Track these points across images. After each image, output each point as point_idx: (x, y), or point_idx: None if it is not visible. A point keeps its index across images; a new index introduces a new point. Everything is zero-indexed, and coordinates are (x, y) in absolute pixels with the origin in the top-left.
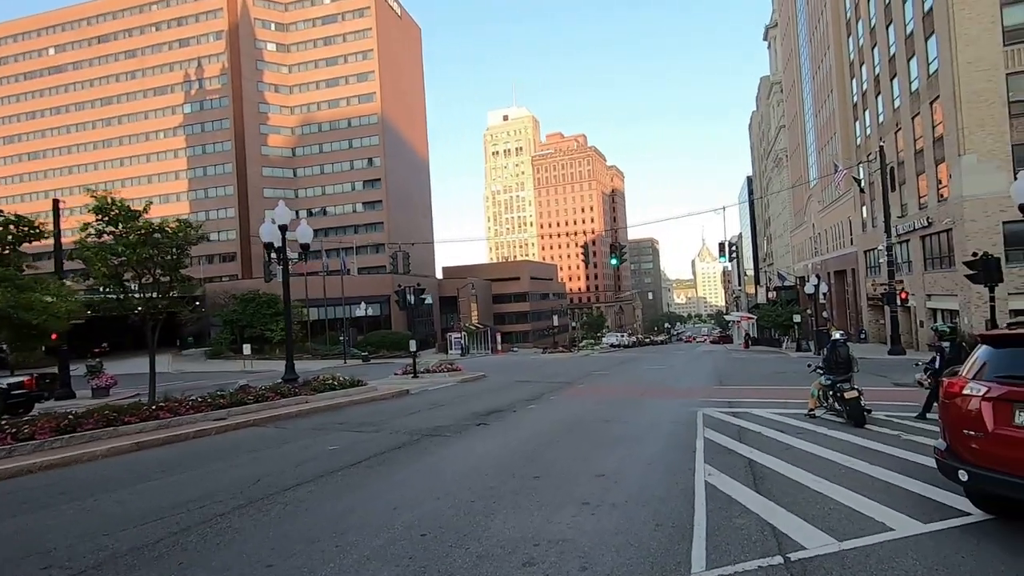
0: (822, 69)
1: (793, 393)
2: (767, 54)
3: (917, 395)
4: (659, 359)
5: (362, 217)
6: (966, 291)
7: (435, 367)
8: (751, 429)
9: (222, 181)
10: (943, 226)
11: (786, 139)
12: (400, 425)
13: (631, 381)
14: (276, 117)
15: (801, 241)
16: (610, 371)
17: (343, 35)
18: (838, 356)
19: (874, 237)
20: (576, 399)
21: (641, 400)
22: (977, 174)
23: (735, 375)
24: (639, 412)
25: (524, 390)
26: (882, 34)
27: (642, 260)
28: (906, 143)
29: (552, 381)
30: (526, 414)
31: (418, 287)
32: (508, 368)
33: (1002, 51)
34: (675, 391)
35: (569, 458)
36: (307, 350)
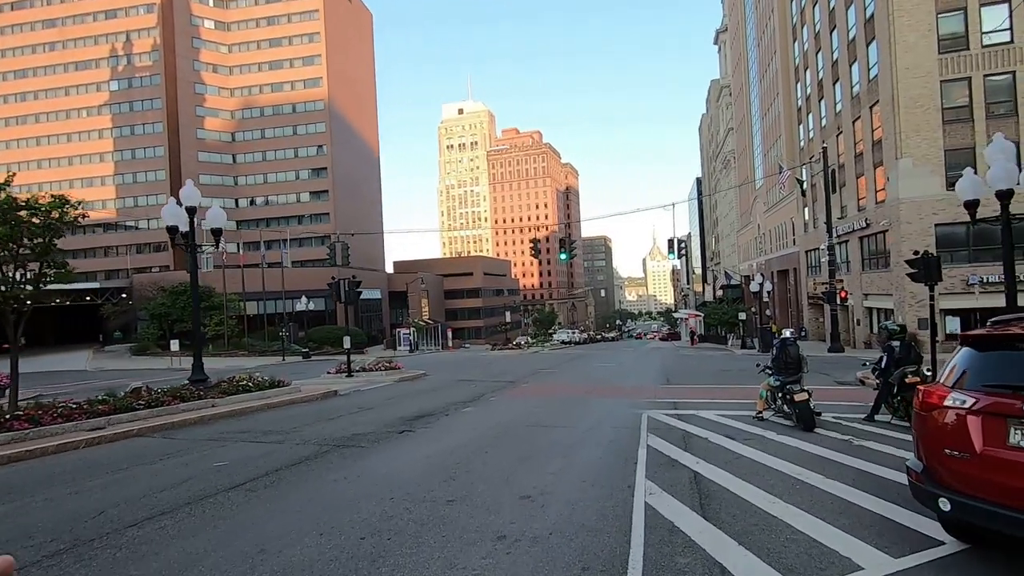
0: (769, 73)
1: (739, 393)
2: (717, 58)
3: (861, 394)
4: (608, 356)
5: (307, 207)
6: (900, 291)
7: (372, 365)
8: (697, 435)
9: (153, 165)
10: (880, 227)
11: (734, 141)
12: (312, 434)
13: (578, 379)
14: (214, 99)
15: (747, 241)
16: (558, 369)
17: (288, 15)
18: (788, 356)
19: (815, 238)
20: (517, 400)
21: (585, 400)
22: (913, 178)
23: (682, 373)
24: (581, 414)
25: (464, 390)
26: (826, 39)
27: (595, 258)
28: (847, 146)
29: (496, 380)
30: (459, 419)
31: (353, 279)
32: (453, 366)
33: (937, 59)
34: (621, 390)
35: (495, 474)
36: (244, 346)
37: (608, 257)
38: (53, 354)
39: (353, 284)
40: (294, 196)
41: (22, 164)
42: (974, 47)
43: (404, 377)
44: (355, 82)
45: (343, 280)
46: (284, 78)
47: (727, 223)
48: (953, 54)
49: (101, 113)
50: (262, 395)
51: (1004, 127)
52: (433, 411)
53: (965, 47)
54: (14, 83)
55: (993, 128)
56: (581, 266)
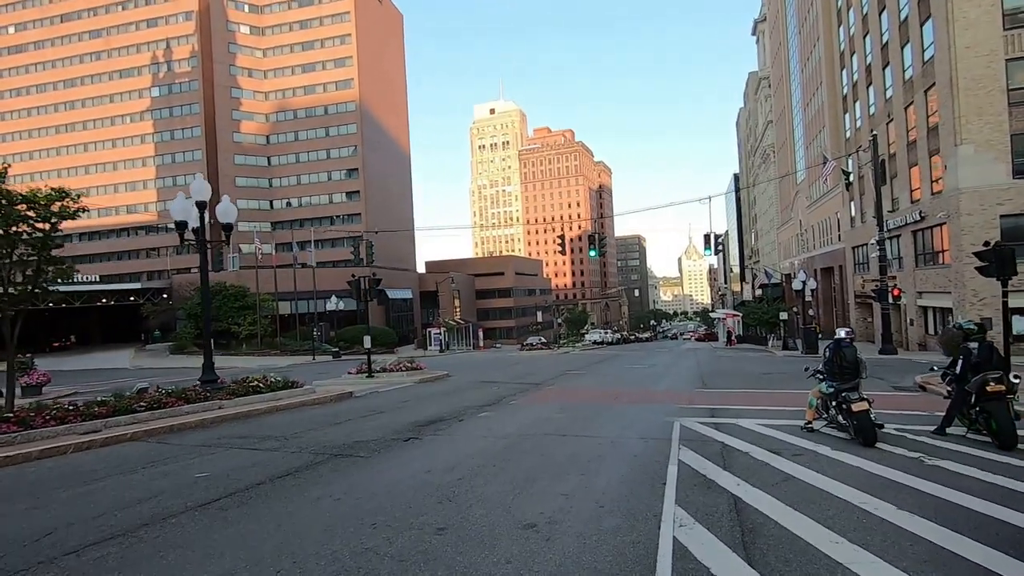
0: (811, 61)
1: (784, 399)
2: (755, 49)
3: (923, 401)
4: (641, 357)
5: (339, 208)
6: (960, 288)
7: (393, 366)
8: (737, 448)
9: (191, 168)
10: (936, 220)
11: (773, 135)
12: (312, 440)
13: (607, 382)
14: (249, 103)
15: (788, 238)
16: (587, 370)
17: (320, 18)
18: (843, 359)
19: (863, 233)
20: (539, 404)
21: (612, 406)
22: (974, 165)
23: (719, 376)
24: (606, 422)
25: (485, 393)
26: (874, 21)
27: (629, 257)
28: (898, 134)
29: (521, 382)
30: (473, 425)
31: (373, 276)
32: (479, 366)
33: (1002, 35)
34: (652, 395)
35: (498, 495)
36: (276, 346)
37: (642, 256)
38: (100, 352)
39: (374, 282)
40: (326, 197)
41: (71, 170)
42: None
43: (425, 378)
44: (386, 83)
45: (364, 278)
46: (317, 80)
47: (766, 220)
48: (1020, 30)
49: (143, 119)
50: (273, 397)
51: None
52: (447, 416)
53: None
54: (63, 92)
55: None
56: (615, 265)
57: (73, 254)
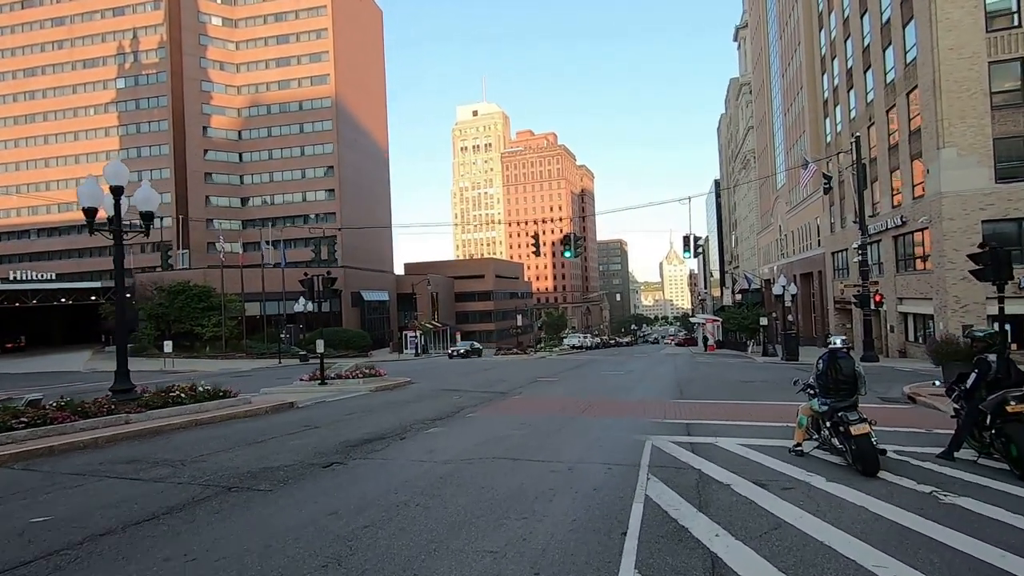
0: (792, 67)
1: (767, 412)
2: (736, 55)
3: (915, 416)
4: (619, 363)
5: (313, 206)
6: (942, 294)
7: (349, 372)
8: (716, 479)
9: (158, 164)
10: (918, 225)
11: (754, 140)
12: (213, 466)
13: (579, 390)
14: (220, 97)
15: (767, 243)
16: (560, 377)
17: (296, 11)
18: (839, 372)
19: (842, 238)
20: (498, 417)
21: (579, 420)
22: (956, 169)
23: (697, 384)
24: (569, 441)
25: (442, 403)
26: (856, 24)
27: (611, 262)
28: (879, 138)
29: (487, 390)
30: (414, 444)
31: (328, 275)
32: (447, 372)
33: (985, 37)
34: (625, 406)
35: (407, 552)
36: (242, 348)
37: (624, 261)
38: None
39: (328, 281)
40: (300, 195)
41: (30, 163)
42: None
43: (383, 386)
44: (364, 80)
45: (317, 277)
46: (291, 75)
47: (746, 225)
48: (1003, 32)
49: (107, 111)
50: (197, 409)
51: None
52: (389, 432)
53: (1017, 24)
54: (23, 81)
55: None
56: (596, 270)
57: (30, 251)
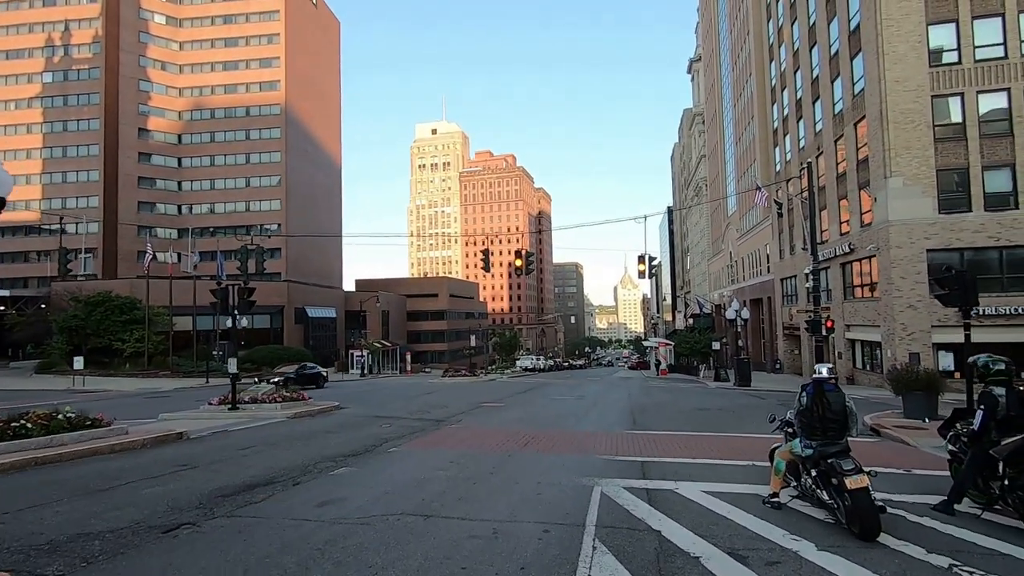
0: (743, 97)
1: (730, 446)
2: (690, 87)
3: (887, 452)
4: (571, 387)
5: (258, 216)
6: (889, 321)
7: (268, 396)
8: (681, 547)
9: (86, 165)
10: (866, 252)
11: (706, 168)
12: (14, 528)
13: (525, 418)
14: (160, 98)
15: (718, 269)
16: (507, 402)
17: (246, 15)
18: (826, 408)
19: (791, 265)
20: (425, 453)
21: (520, 456)
22: (903, 198)
23: (652, 412)
24: (501, 488)
25: (366, 433)
26: (805, 57)
27: (566, 284)
28: (827, 167)
29: (422, 417)
30: (306, 494)
31: (244, 285)
32: (386, 396)
33: (928, 72)
34: (574, 438)
35: None
36: (168, 366)
37: (579, 284)
38: None
39: (244, 292)
40: (244, 204)
41: None
42: (967, 61)
43: (303, 412)
44: (318, 90)
45: (233, 287)
46: (239, 80)
47: (698, 251)
48: (945, 68)
49: (32, 106)
50: (46, 442)
51: (998, 147)
52: (281, 475)
53: (957, 61)
54: None
55: (988, 148)
56: (552, 292)
57: None
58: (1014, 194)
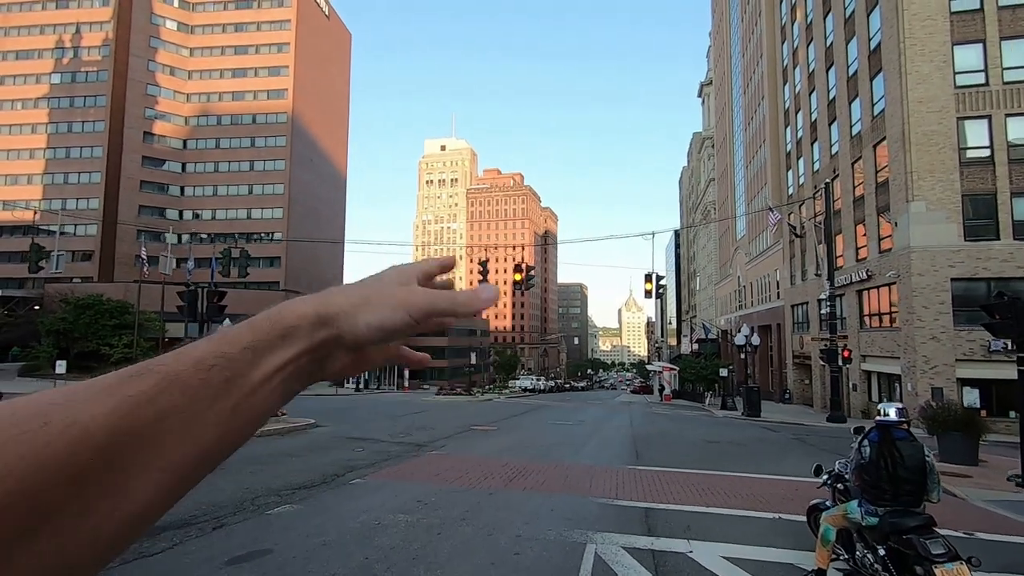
0: (755, 120)
1: (748, 491)
2: (700, 111)
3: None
4: (570, 411)
5: (259, 224)
6: (911, 353)
7: None
8: None
9: (88, 166)
10: (886, 279)
11: (715, 192)
12: None
13: (514, 447)
14: (167, 102)
15: (725, 294)
16: (500, 426)
17: (258, 23)
18: (899, 464)
19: (802, 291)
20: (391, 487)
21: (501, 496)
22: (926, 224)
23: (656, 443)
24: (470, 543)
25: (331, 459)
26: (821, 78)
27: (570, 305)
28: (843, 191)
29: (403, 440)
30: (217, 544)
31: (214, 287)
32: (370, 413)
33: (954, 93)
34: (567, 474)
35: None
36: None
37: (583, 305)
38: None
39: (214, 295)
40: (246, 212)
41: None
42: (994, 83)
43: (272, 431)
44: (326, 101)
45: (201, 289)
46: (247, 87)
47: (705, 275)
48: (972, 89)
49: (38, 106)
50: None
51: None
52: (207, 513)
53: (985, 83)
54: None
55: (1016, 173)
56: (556, 312)
57: None
58: None
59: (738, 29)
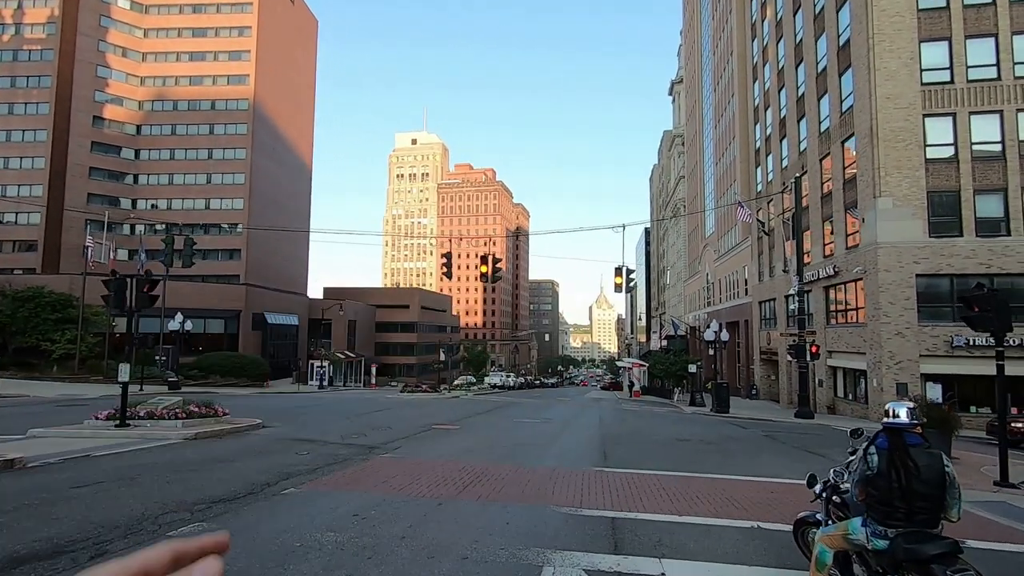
0: (725, 118)
1: (721, 492)
2: (671, 109)
3: None
4: (538, 408)
5: (217, 216)
6: (876, 349)
7: (167, 410)
8: None
9: (31, 151)
10: (852, 275)
11: (685, 190)
12: None
13: (474, 448)
14: (119, 85)
15: (694, 291)
16: (462, 424)
17: (217, 4)
18: (913, 475)
19: (770, 287)
20: (330, 497)
21: (453, 506)
22: (893, 220)
23: (626, 442)
24: (402, 572)
25: (263, 466)
26: (791, 75)
27: (541, 302)
28: (812, 187)
29: (354, 442)
30: None
31: (147, 273)
32: (325, 412)
33: (920, 90)
34: (528, 479)
35: None
36: (101, 370)
37: (555, 302)
38: None
39: (144, 283)
40: (203, 201)
41: None
42: (959, 81)
43: (210, 432)
44: (290, 89)
45: (131, 278)
46: (206, 71)
47: (674, 272)
48: (937, 87)
49: None
50: None
51: (990, 171)
52: (88, 538)
53: (950, 80)
54: None
55: (980, 170)
56: (527, 308)
57: None
58: (1006, 220)
59: (709, 27)
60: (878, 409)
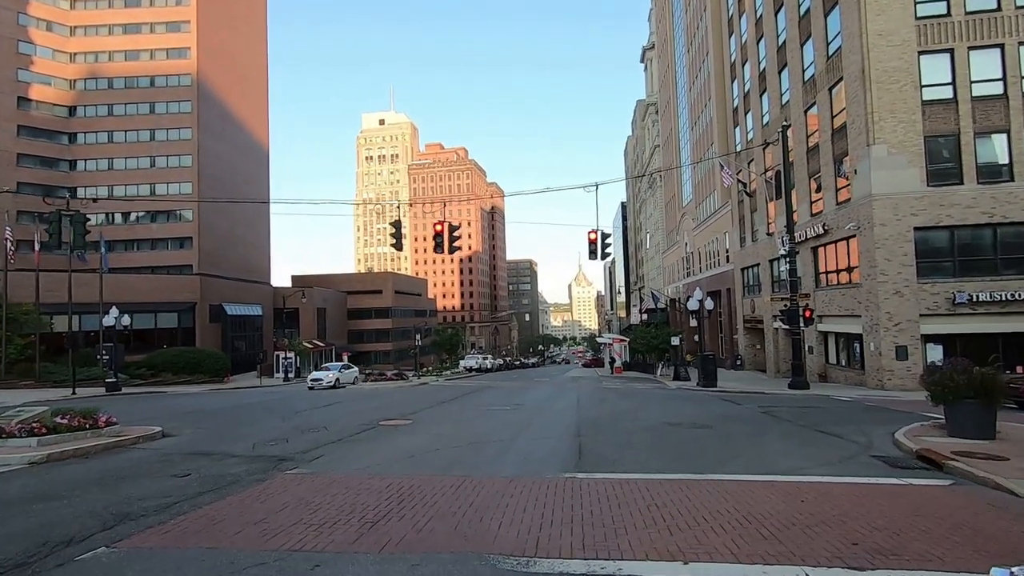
0: (699, 79)
1: (737, 508)
2: (643, 77)
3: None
4: (512, 391)
5: (165, 202)
6: (873, 311)
7: (21, 425)
8: None
9: None
10: (845, 233)
11: (660, 159)
12: None
13: (420, 449)
14: (46, 63)
15: (673, 262)
16: (418, 417)
17: None
18: None
19: (753, 253)
20: (146, 568)
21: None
22: (888, 169)
23: (606, 431)
24: None
25: (106, 501)
26: (770, 23)
27: (520, 282)
28: (797, 141)
29: (263, 453)
30: None
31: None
32: (261, 411)
33: (915, 25)
34: (470, 501)
35: None
36: (33, 374)
37: (533, 281)
38: None
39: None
40: (148, 187)
41: None
42: (956, 13)
43: (75, 449)
44: (239, 65)
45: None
46: (142, 45)
47: (652, 244)
48: (933, 20)
49: None
50: None
51: (992, 111)
52: None
53: (946, 13)
54: None
55: (980, 111)
56: (505, 289)
57: None
58: (1009, 165)
59: None
60: (875, 375)
